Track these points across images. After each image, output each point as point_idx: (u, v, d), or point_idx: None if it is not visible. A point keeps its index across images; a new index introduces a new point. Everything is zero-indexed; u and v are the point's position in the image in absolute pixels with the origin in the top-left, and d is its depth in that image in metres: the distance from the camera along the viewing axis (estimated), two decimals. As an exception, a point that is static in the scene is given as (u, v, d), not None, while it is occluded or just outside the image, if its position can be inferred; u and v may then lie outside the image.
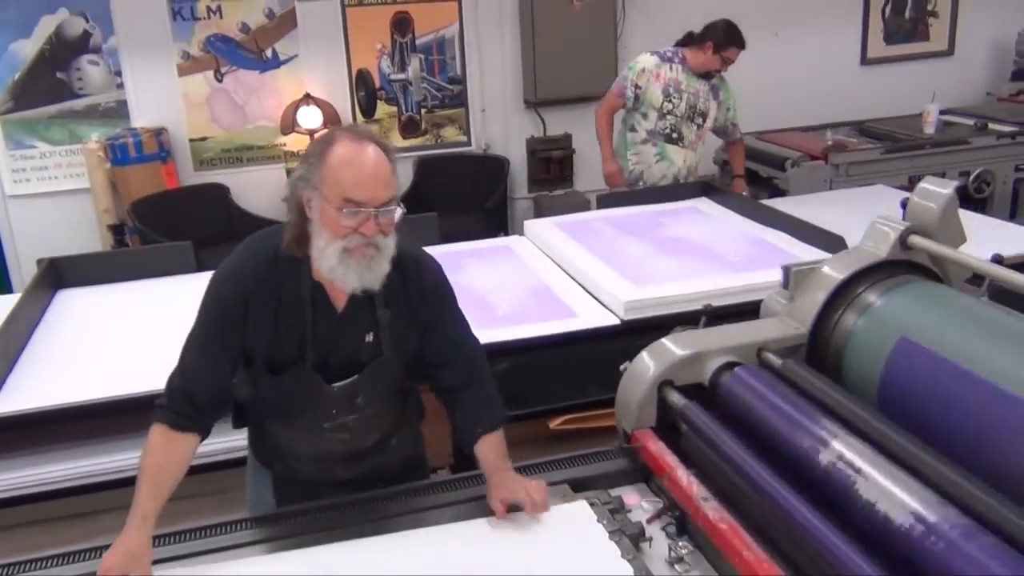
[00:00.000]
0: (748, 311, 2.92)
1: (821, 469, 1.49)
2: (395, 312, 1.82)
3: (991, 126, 5.44)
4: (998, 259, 2.22)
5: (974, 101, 6.37)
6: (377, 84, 5.61)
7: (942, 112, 5.62)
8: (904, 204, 2.09)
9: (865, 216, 3.67)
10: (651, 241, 3.44)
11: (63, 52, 5.11)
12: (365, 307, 1.79)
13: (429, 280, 1.87)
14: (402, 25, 5.57)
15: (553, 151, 5.79)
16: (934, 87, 5.72)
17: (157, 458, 1.68)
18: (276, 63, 5.41)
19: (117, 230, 5.03)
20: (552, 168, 5.81)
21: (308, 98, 5.30)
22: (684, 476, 1.68)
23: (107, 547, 1.59)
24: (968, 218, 3.72)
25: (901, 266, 1.93)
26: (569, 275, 3.19)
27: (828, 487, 1.48)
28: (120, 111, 5.25)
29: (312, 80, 5.44)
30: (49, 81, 5.12)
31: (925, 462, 1.42)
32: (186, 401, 1.72)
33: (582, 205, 5.35)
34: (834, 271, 1.92)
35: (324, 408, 1.84)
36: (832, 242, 3.12)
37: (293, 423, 1.89)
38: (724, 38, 4.08)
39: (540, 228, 3.69)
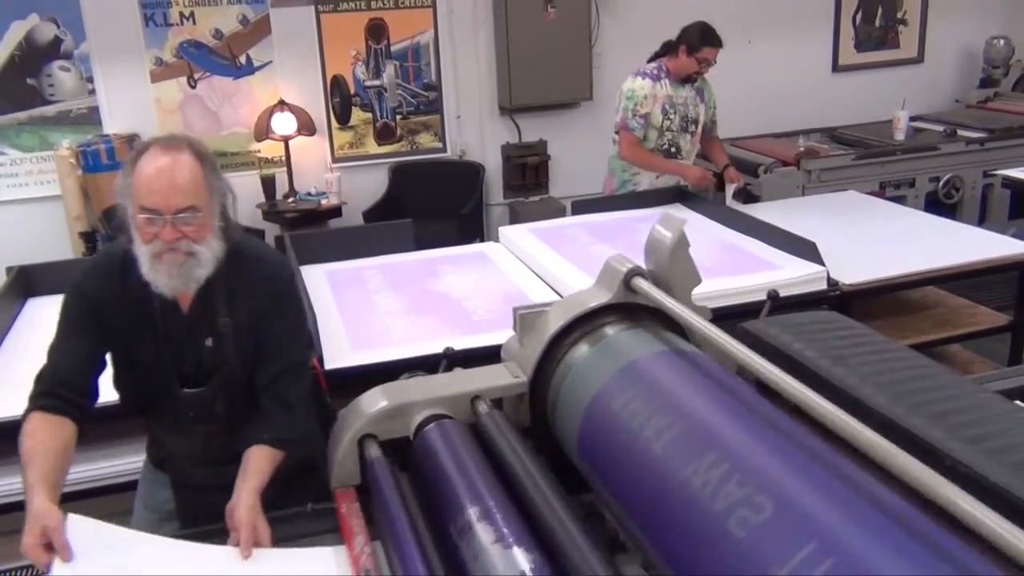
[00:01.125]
0: (722, 316, 2.96)
1: (452, 542, 1.36)
2: (236, 317, 1.86)
3: (960, 132, 5.52)
4: (773, 295, 2.15)
5: (943, 108, 6.46)
6: (352, 90, 5.60)
7: (912, 119, 5.69)
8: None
9: (836, 221, 3.74)
10: (626, 247, 3.42)
11: (34, 58, 5.06)
12: (207, 311, 1.85)
13: (266, 280, 1.90)
14: (377, 32, 5.56)
15: (528, 157, 5.81)
16: (904, 94, 5.79)
17: (37, 438, 1.68)
18: (250, 69, 5.38)
19: (89, 237, 4.98)
20: (527, 174, 5.83)
21: (282, 104, 5.28)
22: (359, 544, 1.48)
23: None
24: (938, 224, 3.80)
25: (632, 309, 1.73)
26: (544, 281, 3.20)
27: (457, 563, 1.33)
28: (92, 118, 5.21)
29: (286, 86, 5.42)
30: (19, 87, 5.07)
31: (556, 539, 1.27)
32: (55, 388, 1.77)
33: (558, 211, 5.37)
34: (556, 316, 1.72)
35: (183, 411, 1.88)
36: (804, 248, 3.16)
37: (167, 425, 1.94)
38: (698, 39, 4.09)
39: (515, 234, 3.70)
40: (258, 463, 1.75)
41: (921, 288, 3.50)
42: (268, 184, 5.33)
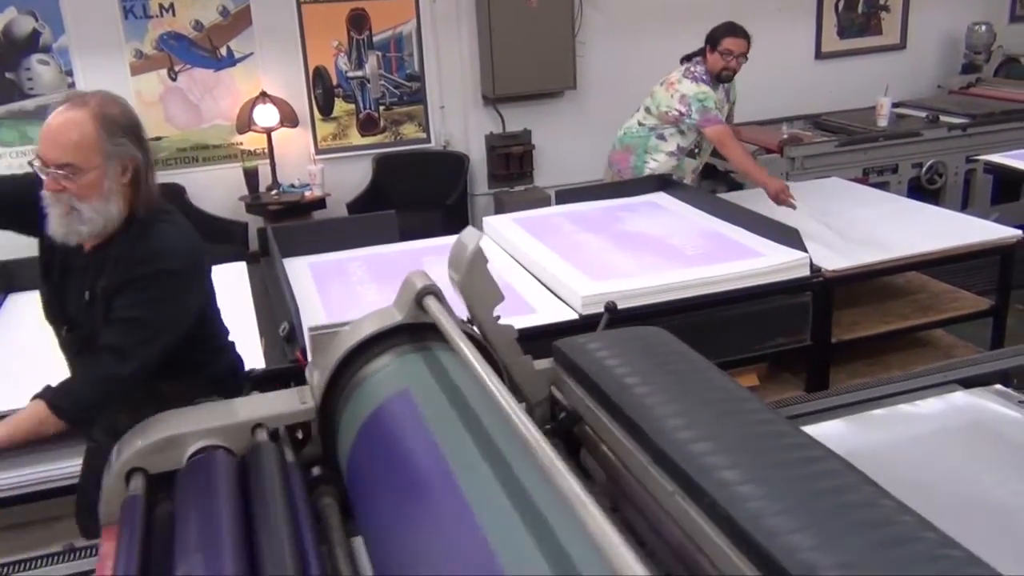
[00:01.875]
0: (706, 303, 2.97)
1: None
2: (110, 281, 1.88)
3: (942, 118, 5.55)
4: (611, 307, 2.05)
5: (926, 94, 6.48)
6: (334, 82, 5.57)
7: (895, 105, 5.71)
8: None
9: (819, 208, 3.75)
10: (609, 236, 3.46)
11: (12, 52, 5.01)
12: (95, 268, 1.90)
13: (140, 258, 1.87)
14: (359, 22, 5.53)
15: (512, 147, 5.80)
16: (887, 80, 5.81)
17: None
18: (231, 61, 5.34)
19: (71, 232, 4.94)
20: (512, 164, 5.82)
21: (264, 96, 5.25)
22: None
23: (59, 554, 1.57)
24: (921, 210, 3.82)
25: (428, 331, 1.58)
26: (529, 271, 3.20)
27: None
28: (72, 111, 5.15)
29: (268, 78, 5.38)
30: (-3, 81, 5.02)
31: None
32: None
33: (542, 201, 5.37)
34: (346, 338, 1.55)
35: (65, 353, 2.00)
36: (787, 235, 3.17)
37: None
38: (720, 32, 4.13)
39: (500, 224, 3.69)
40: (22, 414, 1.81)
41: (904, 273, 3.52)
42: (251, 176, 5.30)
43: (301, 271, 3.29)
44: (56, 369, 2.52)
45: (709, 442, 1.19)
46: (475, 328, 1.54)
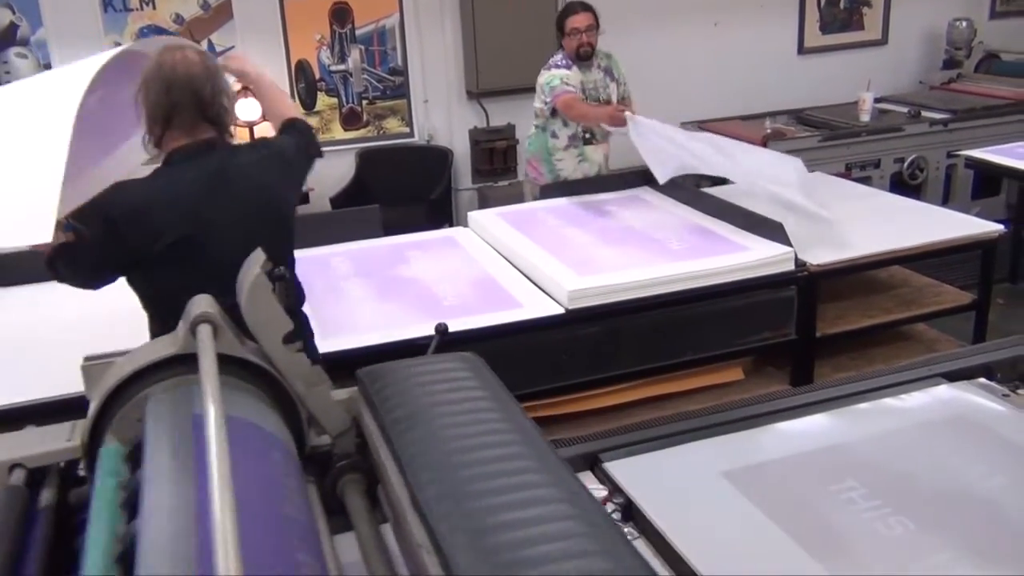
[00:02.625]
0: (691, 298, 2.97)
1: None
2: None
3: (924, 114, 5.58)
4: (441, 329, 1.98)
5: (907, 89, 6.51)
6: (317, 75, 5.53)
7: (877, 100, 5.74)
8: None
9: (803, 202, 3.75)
10: (594, 230, 3.46)
11: (-11, 44, 4.96)
12: None
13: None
14: (341, 15, 5.50)
15: (496, 142, 5.78)
16: (869, 75, 5.83)
17: None
18: (212, 55, 5.29)
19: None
20: (496, 159, 5.80)
21: (246, 90, 5.19)
22: None
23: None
24: (903, 204, 3.84)
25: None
26: (514, 265, 3.20)
27: None
28: (51, 105, 5.10)
29: (250, 72, 5.33)
30: (-25, 74, 4.96)
31: None
32: None
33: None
34: (116, 371, 1.38)
35: None
36: (772, 229, 3.18)
37: None
38: (560, 15, 4.18)
39: (484, 219, 3.68)
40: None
41: (887, 268, 3.54)
42: (233, 171, 5.26)
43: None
44: (40, 368, 2.52)
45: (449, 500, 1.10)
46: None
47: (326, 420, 1.44)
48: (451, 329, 2.69)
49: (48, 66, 5.04)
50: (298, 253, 3.40)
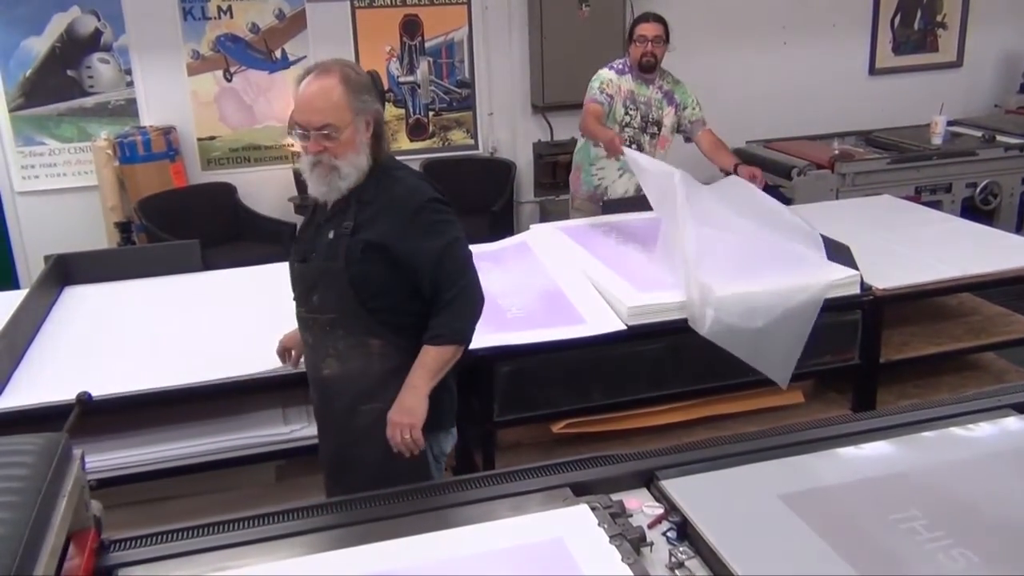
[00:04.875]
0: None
1: None
2: (363, 225, 2.07)
3: (999, 138, 5.45)
4: (84, 397, 1.92)
5: (982, 113, 6.37)
6: (386, 86, 5.62)
7: (949, 123, 5.62)
8: None
9: (871, 226, 3.70)
10: (656, 247, 3.43)
11: (74, 50, 5.13)
12: (341, 213, 2.10)
13: (395, 198, 2.09)
14: (411, 28, 5.58)
15: (559, 155, 5.79)
16: (942, 98, 5.72)
17: None
18: (285, 63, 5.42)
19: (124, 227, 5.04)
20: (558, 173, 5.81)
21: (316, 99, 5.30)
22: None
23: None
24: (974, 230, 3.75)
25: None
26: (573, 281, 3.19)
27: None
28: (129, 109, 5.27)
29: (321, 81, 5.43)
30: (59, 78, 5.14)
31: None
32: None
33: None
34: None
35: (294, 285, 2.19)
36: (838, 251, 3.13)
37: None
38: (633, 23, 4.14)
39: (546, 232, 3.69)
40: (423, 360, 2.08)
41: (957, 295, 3.47)
42: (300, 178, 5.34)
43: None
44: (107, 364, 2.59)
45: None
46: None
47: None
48: (510, 342, 2.72)
49: (129, 71, 5.21)
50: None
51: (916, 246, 3.45)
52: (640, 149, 4.02)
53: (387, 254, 2.06)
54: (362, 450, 2.14)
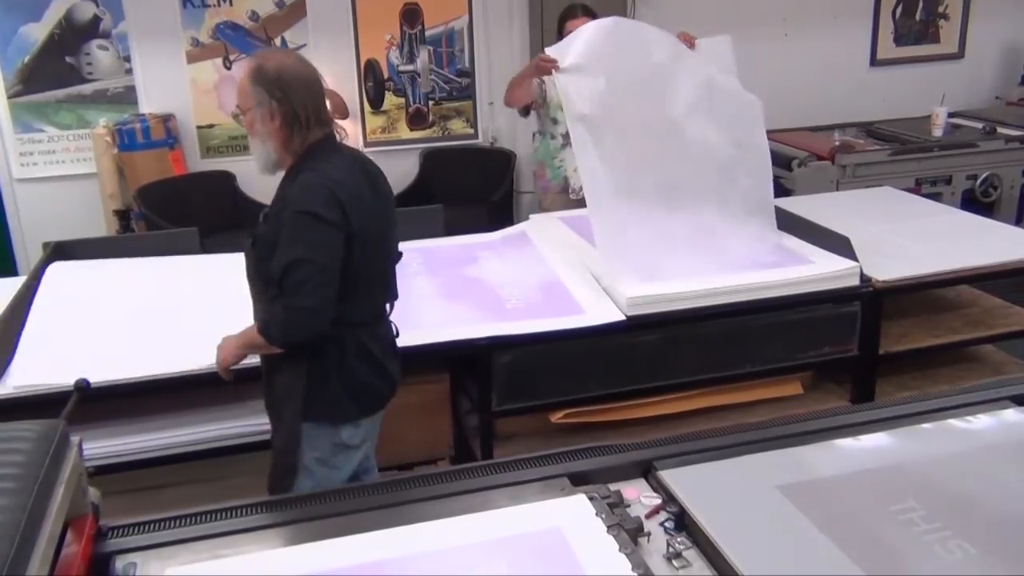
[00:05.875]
0: (753, 309, 2.94)
1: None
2: (270, 216, 2.20)
3: (1000, 130, 5.43)
4: (81, 385, 1.93)
5: (983, 104, 6.35)
6: (385, 75, 5.60)
7: (950, 115, 5.60)
8: None
9: (870, 217, 3.69)
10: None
11: (73, 36, 5.11)
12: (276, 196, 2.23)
13: (291, 200, 2.14)
14: (411, 16, 5.56)
15: (560, 146, 5.78)
16: (943, 90, 5.70)
17: None
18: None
19: (123, 215, 5.04)
20: (558, 163, 5.80)
21: (316, 87, 5.29)
22: None
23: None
24: (974, 222, 3.75)
25: None
26: (571, 270, 3.19)
27: None
28: (128, 97, 5.25)
29: (320, 70, 5.33)
30: (58, 65, 5.12)
31: None
32: None
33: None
34: None
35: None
36: (837, 243, 3.13)
37: None
38: (561, 16, 4.01)
39: (544, 222, 3.69)
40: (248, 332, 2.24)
41: (955, 287, 3.47)
42: (300, 167, 5.35)
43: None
44: (105, 350, 2.58)
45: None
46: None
47: None
48: (508, 332, 2.73)
49: (128, 58, 5.19)
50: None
51: (916, 238, 3.45)
52: None
53: (274, 249, 2.13)
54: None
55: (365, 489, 1.80)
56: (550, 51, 3.23)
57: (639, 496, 1.76)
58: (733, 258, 3.12)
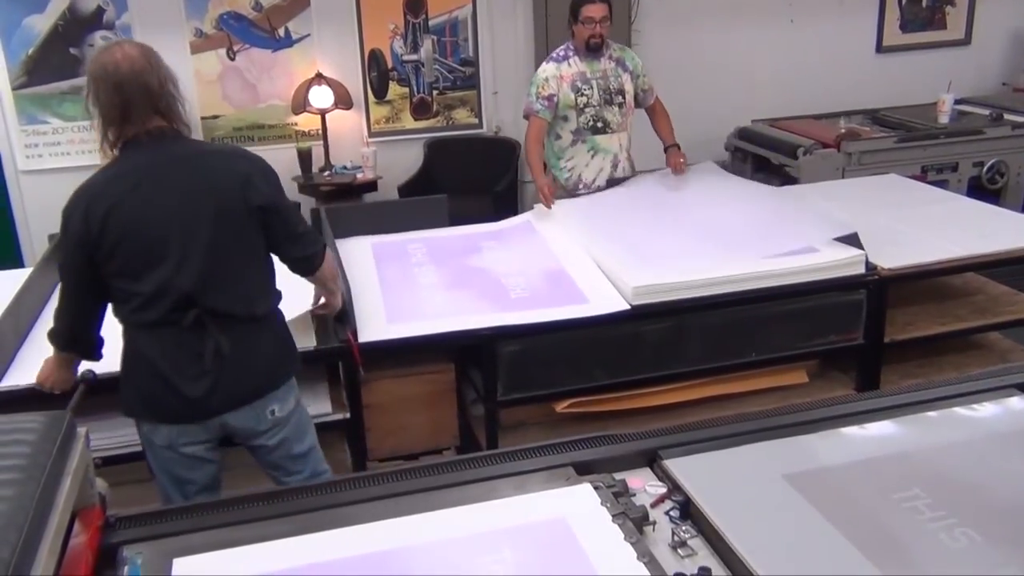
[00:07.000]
0: (759, 298, 2.94)
1: None
2: None
3: (1006, 116, 5.41)
4: (88, 377, 1.99)
5: (990, 91, 6.32)
6: (389, 65, 5.59)
7: (957, 102, 5.58)
8: None
9: (876, 205, 3.68)
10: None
11: (76, 28, 5.11)
12: None
13: None
14: (415, 6, 5.54)
15: (564, 135, 5.77)
16: (949, 76, 5.68)
17: None
18: (289, 42, 5.39)
19: (128, 207, 5.04)
20: (563, 152, 5.79)
21: (320, 78, 5.29)
22: None
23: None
24: (980, 209, 3.74)
25: None
26: (576, 260, 3.19)
27: None
28: (132, 88, 5.25)
29: (324, 60, 5.42)
30: (62, 56, 5.12)
31: None
32: None
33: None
34: None
35: None
36: (844, 231, 3.12)
37: None
38: (575, 4, 3.91)
39: (549, 212, 3.68)
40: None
41: (962, 274, 3.46)
42: (304, 157, 5.34)
43: (363, 251, 3.32)
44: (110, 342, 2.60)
45: None
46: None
47: None
48: (512, 322, 2.73)
49: (131, 50, 5.18)
50: (375, 238, 3.46)
51: (922, 225, 3.44)
52: (606, 124, 3.88)
53: None
54: None
55: (370, 479, 1.81)
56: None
57: (644, 485, 1.76)
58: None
